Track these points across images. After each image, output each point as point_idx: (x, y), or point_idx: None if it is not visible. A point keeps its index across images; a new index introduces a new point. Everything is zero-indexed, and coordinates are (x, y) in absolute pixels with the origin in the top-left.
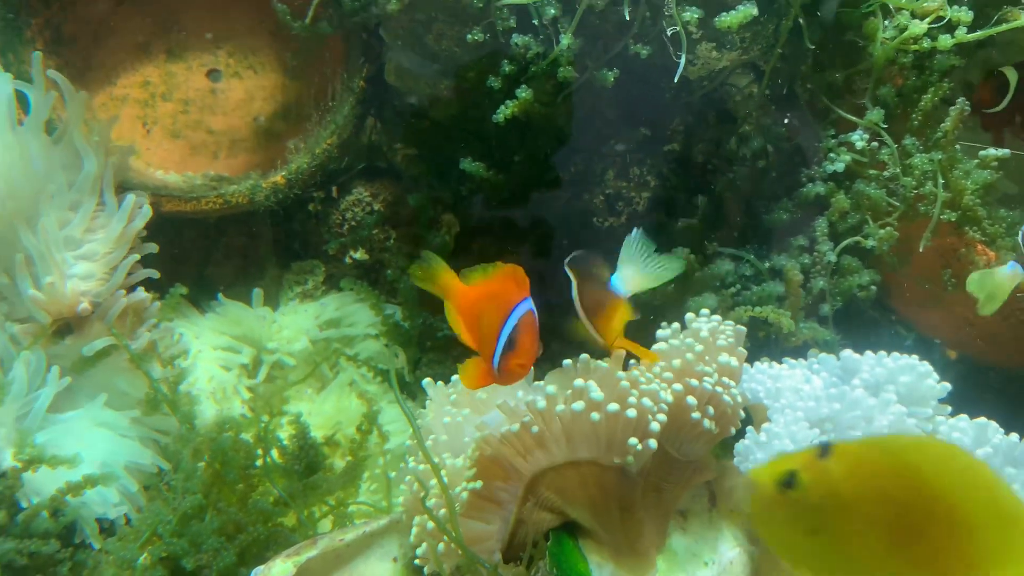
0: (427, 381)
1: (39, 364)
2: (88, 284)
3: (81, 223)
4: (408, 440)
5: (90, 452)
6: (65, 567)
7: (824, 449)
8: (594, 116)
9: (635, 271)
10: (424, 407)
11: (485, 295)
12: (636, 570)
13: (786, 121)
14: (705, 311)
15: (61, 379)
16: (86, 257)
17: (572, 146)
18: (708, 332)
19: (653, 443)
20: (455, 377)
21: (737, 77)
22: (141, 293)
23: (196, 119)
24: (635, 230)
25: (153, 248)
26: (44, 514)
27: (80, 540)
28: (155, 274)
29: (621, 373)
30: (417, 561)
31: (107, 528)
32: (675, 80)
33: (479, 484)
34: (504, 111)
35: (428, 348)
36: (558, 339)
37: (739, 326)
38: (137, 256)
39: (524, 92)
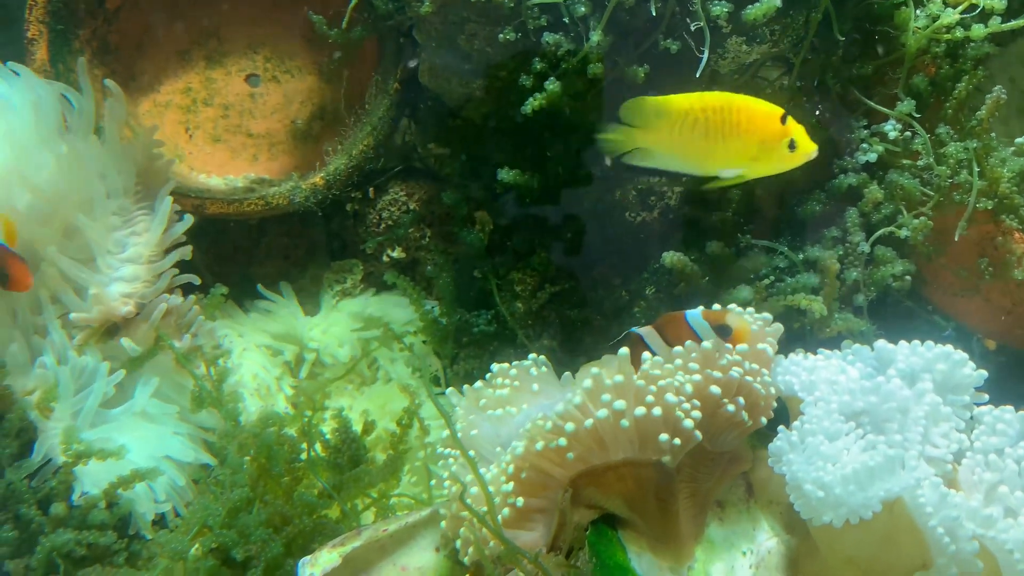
0: (451, 390)
1: (94, 364)
2: (133, 286)
3: (126, 227)
4: (439, 447)
5: (140, 447)
6: (121, 557)
7: None
8: None
9: None
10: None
11: None
12: (674, 560)
13: (817, 113)
14: (733, 306)
15: (114, 374)
16: (131, 260)
17: None
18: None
19: (699, 435)
20: (477, 382)
21: (767, 70)
22: (181, 297)
23: (236, 123)
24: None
25: (188, 253)
26: (101, 505)
27: (133, 532)
28: (196, 279)
29: (641, 377)
30: (465, 559)
31: (157, 521)
32: (698, 75)
33: (521, 501)
34: (532, 103)
35: (465, 343)
36: (592, 332)
37: (776, 323)
38: (180, 258)
39: (552, 85)
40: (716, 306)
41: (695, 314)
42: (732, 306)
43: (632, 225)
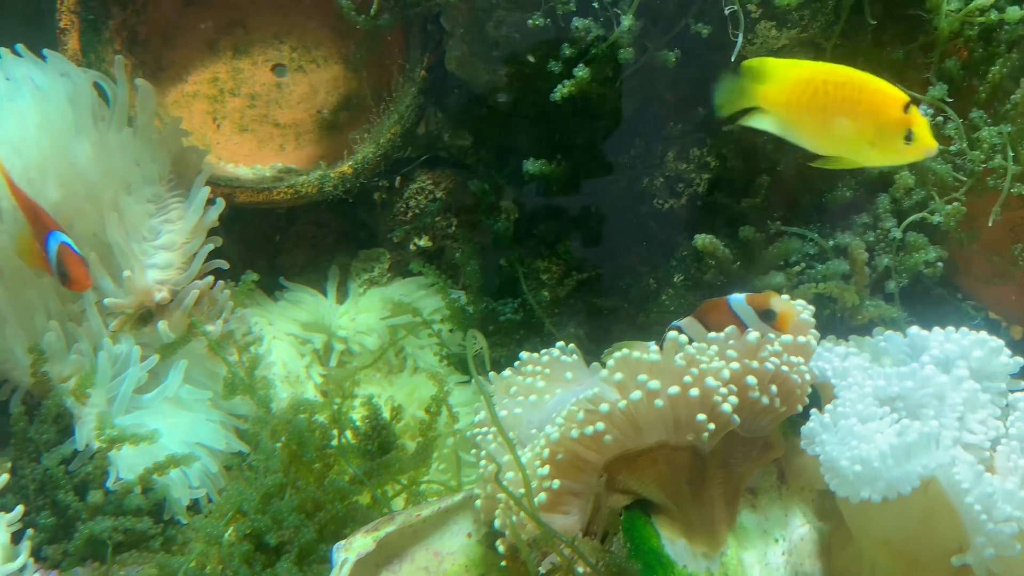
0: (492, 375)
1: (128, 350)
2: (167, 273)
3: (159, 214)
4: (474, 429)
5: (173, 434)
6: (157, 542)
7: None
8: (653, 98)
9: None
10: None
11: None
12: (707, 545)
13: None
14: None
15: (147, 359)
16: (165, 247)
17: (631, 129)
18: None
19: (736, 418)
20: (505, 370)
21: (795, 55)
22: (215, 282)
23: (263, 113)
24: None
25: (218, 241)
26: (137, 490)
27: (168, 517)
28: (224, 264)
29: (680, 355)
30: (498, 544)
31: (191, 506)
32: (732, 60)
33: (556, 483)
34: (561, 90)
35: (491, 332)
36: (619, 320)
37: (809, 306)
38: (212, 246)
39: (581, 71)
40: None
41: (738, 299)
42: (784, 296)
43: (660, 212)
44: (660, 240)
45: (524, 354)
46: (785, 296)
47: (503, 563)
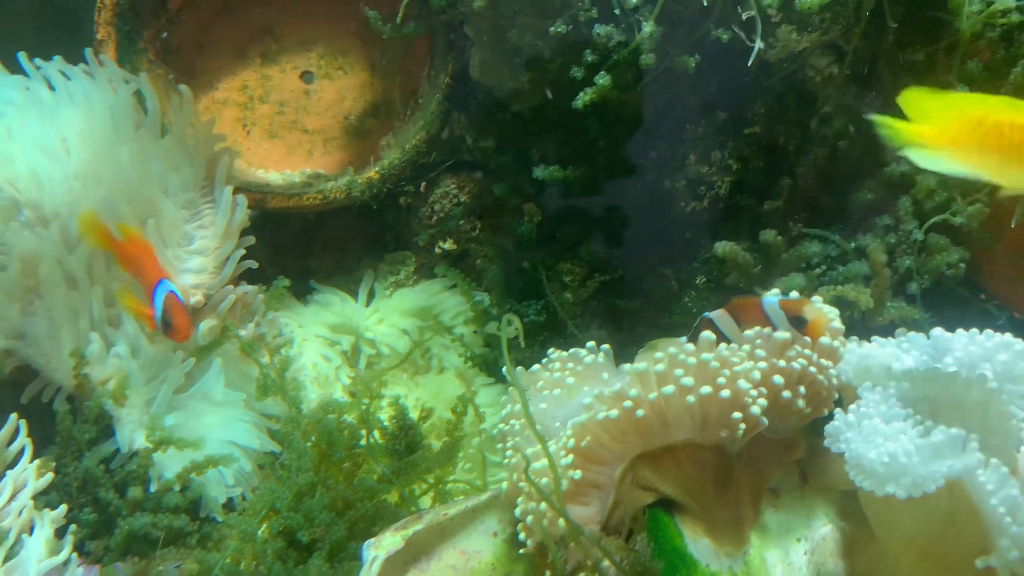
0: (520, 369)
1: (165, 354)
2: (201, 277)
3: (193, 220)
4: (500, 424)
5: (210, 434)
6: (193, 539)
7: None
8: (674, 102)
9: None
10: (508, 393)
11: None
12: (730, 545)
13: (867, 100)
14: (816, 298)
15: (184, 362)
16: (199, 252)
17: (653, 132)
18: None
19: (765, 420)
20: (534, 367)
21: (816, 58)
22: (248, 287)
23: (292, 119)
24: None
25: (251, 241)
26: (175, 488)
27: (204, 515)
28: (254, 264)
29: (712, 355)
30: (521, 535)
31: (225, 504)
32: (750, 64)
33: (579, 474)
34: (583, 97)
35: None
36: (641, 322)
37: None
38: (243, 250)
39: (602, 79)
40: (794, 294)
41: (772, 301)
42: (815, 298)
43: (682, 215)
44: (682, 242)
45: (552, 351)
46: (818, 300)
47: (521, 551)
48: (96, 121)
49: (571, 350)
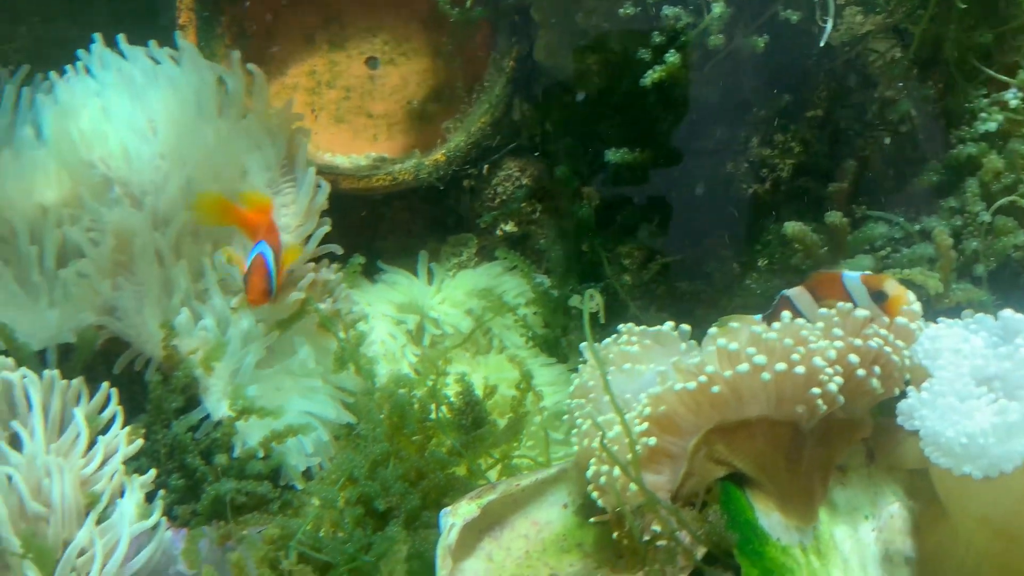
0: (584, 345)
1: (249, 326)
2: (286, 253)
3: (276, 199)
4: (568, 400)
5: (290, 405)
6: (276, 505)
7: None
8: (738, 84)
9: None
10: (576, 370)
11: None
12: (800, 519)
13: (931, 83)
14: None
15: (267, 335)
16: (282, 230)
17: (716, 115)
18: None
19: (841, 398)
20: (605, 340)
21: (877, 41)
22: (327, 266)
23: (357, 104)
24: None
25: (328, 224)
26: (260, 454)
27: (284, 482)
28: (339, 249)
29: (788, 333)
30: (595, 495)
31: (304, 473)
32: (820, 45)
33: (653, 440)
34: (651, 75)
35: (575, 315)
36: (702, 304)
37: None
38: (327, 228)
39: (672, 57)
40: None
41: (853, 276)
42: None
43: (744, 197)
44: (744, 224)
45: (622, 326)
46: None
47: (593, 519)
48: (181, 103)
49: (641, 326)
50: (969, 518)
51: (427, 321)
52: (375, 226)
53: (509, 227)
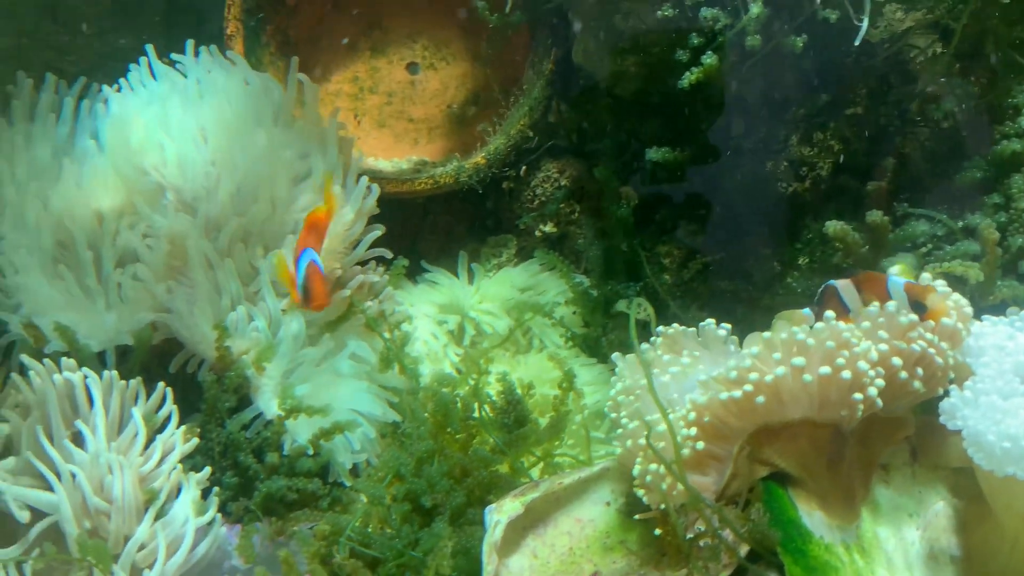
0: (617, 355)
1: (299, 328)
2: (331, 257)
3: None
4: (609, 400)
5: (337, 403)
6: (325, 502)
7: None
8: (776, 83)
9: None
10: (615, 372)
11: None
12: (843, 518)
13: (973, 79)
14: (940, 282)
15: (317, 335)
16: (330, 234)
17: (754, 114)
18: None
19: (880, 402)
20: (643, 344)
21: (917, 37)
22: (374, 269)
23: (399, 109)
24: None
25: (379, 229)
26: (310, 451)
27: (332, 479)
28: (388, 254)
29: (831, 337)
30: (640, 492)
31: (351, 470)
32: (857, 43)
33: (701, 445)
34: (689, 77)
35: (614, 315)
36: (742, 303)
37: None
38: (379, 232)
39: (709, 58)
40: (925, 276)
41: (898, 283)
42: (940, 282)
43: (783, 196)
44: (783, 223)
45: (662, 328)
46: (944, 288)
47: (637, 516)
48: (232, 111)
49: (682, 327)
50: (1015, 516)
51: (467, 321)
52: (416, 228)
53: (548, 228)
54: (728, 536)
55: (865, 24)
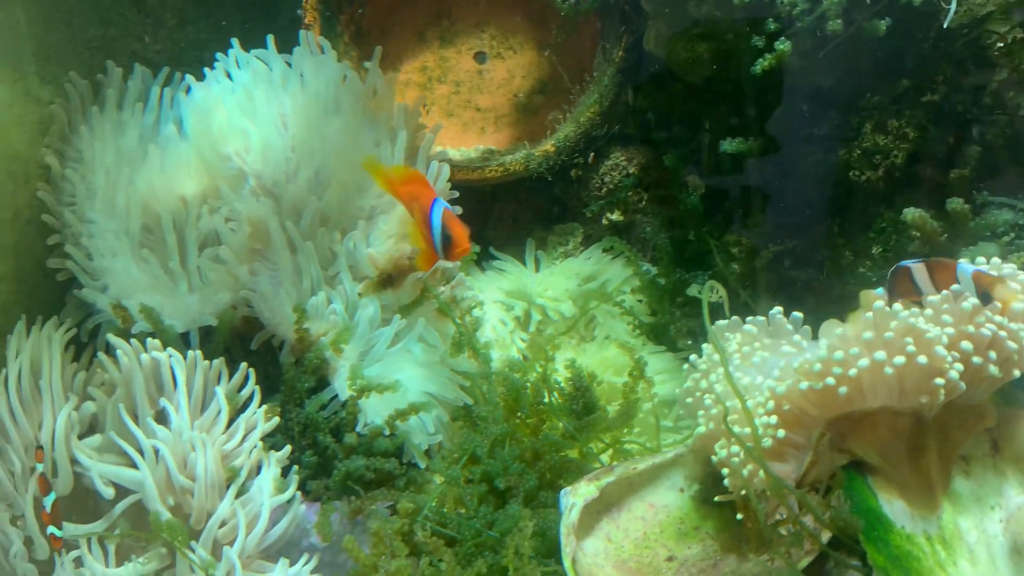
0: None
1: (375, 311)
2: (407, 243)
3: None
4: (687, 384)
5: (411, 385)
6: (402, 481)
7: None
8: (851, 69)
9: None
10: (688, 360)
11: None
12: (924, 508)
13: None
14: (997, 259)
15: (392, 317)
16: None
17: (828, 101)
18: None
19: (963, 385)
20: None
21: (996, 22)
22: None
23: (466, 99)
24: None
25: (459, 210)
26: (387, 431)
27: (407, 460)
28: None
29: (905, 328)
30: (724, 471)
31: (426, 452)
32: (945, 27)
33: (782, 433)
34: (762, 63)
35: (681, 303)
36: (813, 293)
37: None
38: (458, 211)
39: (782, 44)
40: (995, 260)
41: (967, 271)
42: (983, 259)
43: (856, 184)
44: (856, 212)
45: (736, 318)
46: (1012, 268)
47: (717, 498)
48: (311, 98)
49: (756, 318)
50: None
51: (533, 308)
52: (484, 216)
53: (615, 216)
54: (809, 523)
55: (953, 6)
